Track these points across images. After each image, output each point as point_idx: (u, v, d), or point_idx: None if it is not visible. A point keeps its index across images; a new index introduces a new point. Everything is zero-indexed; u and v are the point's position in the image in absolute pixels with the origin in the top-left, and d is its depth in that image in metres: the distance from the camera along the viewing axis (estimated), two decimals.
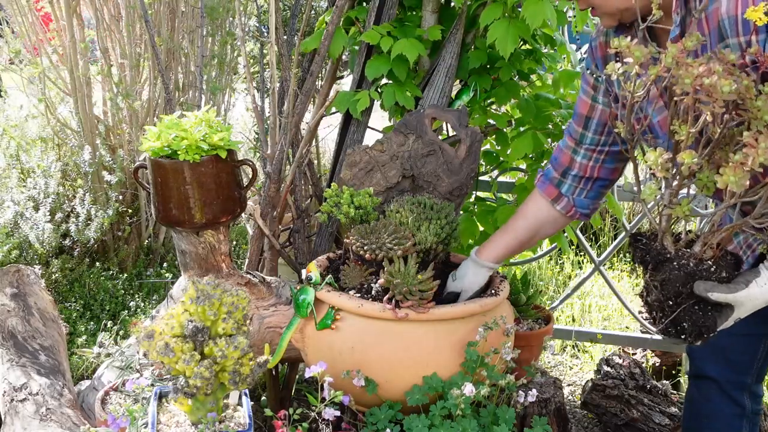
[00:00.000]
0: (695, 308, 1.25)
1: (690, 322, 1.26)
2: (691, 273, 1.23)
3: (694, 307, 1.25)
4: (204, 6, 2.60)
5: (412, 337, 1.40)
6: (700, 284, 1.23)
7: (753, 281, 1.23)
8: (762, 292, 1.23)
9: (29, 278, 1.99)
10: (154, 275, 3.15)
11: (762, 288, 1.23)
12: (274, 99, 2.09)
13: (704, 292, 1.22)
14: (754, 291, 1.23)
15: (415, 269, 1.44)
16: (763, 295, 1.23)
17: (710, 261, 1.23)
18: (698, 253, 1.25)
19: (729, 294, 1.22)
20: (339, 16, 2.00)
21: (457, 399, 1.32)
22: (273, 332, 1.70)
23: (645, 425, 2.19)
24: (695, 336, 1.27)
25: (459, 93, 2.18)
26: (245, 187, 1.72)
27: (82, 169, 3.04)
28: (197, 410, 1.22)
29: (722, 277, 1.23)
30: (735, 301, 1.23)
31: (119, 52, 3.11)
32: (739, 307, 1.24)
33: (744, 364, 1.63)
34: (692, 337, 1.27)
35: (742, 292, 1.22)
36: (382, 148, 1.81)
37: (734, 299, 1.23)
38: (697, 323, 1.25)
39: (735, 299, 1.23)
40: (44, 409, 1.55)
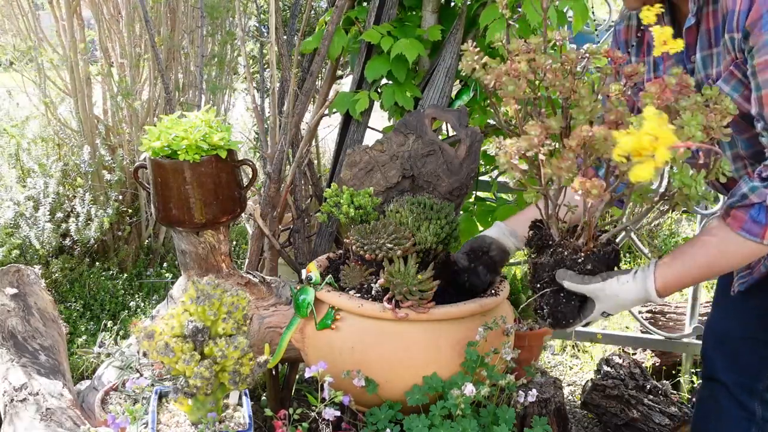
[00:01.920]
0: (560, 295, 1.26)
1: (549, 307, 1.28)
2: (559, 261, 1.25)
3: (559, 294, 1.26)
4: (204, 6, 2.60)
5: (412, 337, 1.40)
6: (560, 272, 1.24)
7: (614, 277, 1.22)
8: (623, 289, 1.21)
9: (29, 278, 1.99)
10: (154, 275, 3.15)
11: (622, 286, 1.21)
12: (274, 99, 2.09)
13: (560, 279, 1.24)
14: (611, 286, 1.21)
15: (415, 269, 1.44)
16: (625, 292, 1.21)
17: (584, 253, 1.24)
18: (579, 245, 1.25)
19: (581, 285, 1.22)
20: (339, 16, 2.00)
21: (457, 399, 1.32)
22: (273, 332, 1.70)
23: (645, 425, 2.19)
24: (554, 321, 1.29)
25: (459, 93, 2.18)
26: (245, 187, 1.72)
27: (82, 169, 3.04)
28: (197, 410, 1.22)
29: (587, 269, 1.23)
30: (590, 292, 1.23)
31: (119, 52, 3.11)
32: (600, 301, 1.23)
33: (755, 369, 1.59)
34: (551, 321, 1.29)
35: (596, 284, 1.21)
36: (382, 148, 1.81)
37: (588, 290, 1.22)
38: (555, 309, 1.27)
39: (589, 290, 1.22)
40: (44, 409, 1.55)
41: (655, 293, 1.20)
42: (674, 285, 1.22)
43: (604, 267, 1.24)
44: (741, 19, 1.18)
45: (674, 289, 1.22)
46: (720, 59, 1.27)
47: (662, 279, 1.20)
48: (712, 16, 1.26)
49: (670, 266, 1.21)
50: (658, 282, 1.20)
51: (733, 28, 1.20)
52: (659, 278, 1.20)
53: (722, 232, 1.17)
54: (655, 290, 1.20)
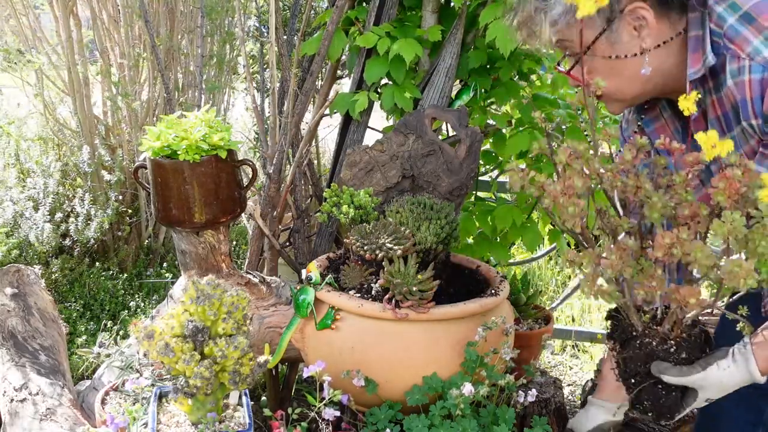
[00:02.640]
0: (657, 388, 1.21)
1: (650, 401, 1.23)
2: (651, 353, 1.20)
3: (656, 386, 1.21)
4: (203, 6, 2.60)
5: (412, 337, 1.40)
6: (656, 365, 1.19)
7: (714, 364, 1.17)
8: (725, 375, 1.17)
9: (29, 278, 1.99)
10: (154, 275, 3.15)
11: (724, 371, 1.17)
12: (274, 99, 2.09)
13: (657, 373, 1.19)
14: (713, 374, 1.17)
15: (415, 269, 1.44)
16: (728, 378, 1.17)
17: (673, 341, 1.19)
18: (665, 332, 1.20)
19: (681, 377, 1.17)
20: (339, 17, 2.00)
21: (457, 399, 1.32)
22: (273, 332, 1.70)
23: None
24: (657, 415, 1.24)
25: (459, 93, 2.18)
26: (245, 187, 1.72)
27: (81, 169, 3.04)
28: (197, 410, 1.23)
29: (682, 358, 1.18)
30: (692, 383, 1.18)
31: (118, 52, 3.11)
32: (704, 390, 1.19)
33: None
34: (654, 415, 1.24)
35: (697, 375, 1.17)
36: (382, 148, 1.81)
37: (690, 382, 1.18)
38: (656, 403, 1.22)
39: (691, 382, 1.18)
40: (44, 409, 1.55)
41: (759, 374, 1.16)
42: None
43: (698, 352, 1.19)
44: (757, 106, 1.19)
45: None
46: (740, 143, 1.27)
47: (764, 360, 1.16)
48: (717, 104, 1.27)
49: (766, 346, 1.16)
50: (761, 363, 1.16)
51: (749, 115, 1.21)
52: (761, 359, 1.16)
53: None
54: (759, 372, 1.15)
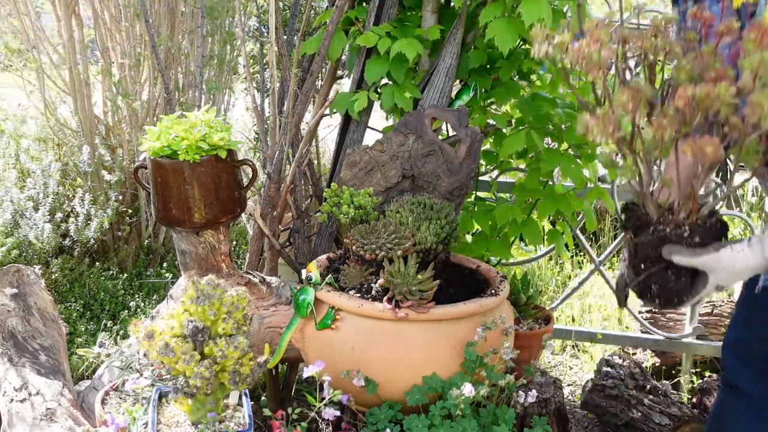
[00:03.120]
0: (667, 273, 1.20)
1: (658, 285, 1.22)
2: (662, 238, 1.18)
3: (666, 271, 1.20)
4: (204, 6, 2.60)
5: (412, 337, 1.40)
6: (668, 248, 1.17)
7: (728, 247, 1.15)
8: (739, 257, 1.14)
9: (29, 278, 1.99)
10: (154, 275, 3.15)
11: (738, 254, 1.14)
12: (274, 99, 2.09)
13: (668, 255, 1.17)
14: (726, 255, 1.15)
15: (415, 269, 1.44)
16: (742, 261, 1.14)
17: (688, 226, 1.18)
18: (680, 220, 1.19)
19: (692, 258, 1.16)
20: (339, 17, 1.99)
21: (457, 399, 1.32)
22: (273, 332, 1.70)
23: (645, 425, 2.19)
24: (665, 300, 1.22)
25: (459, 93, 2.18)
26: (245, 187, 1.72)
27: (81, 169, 3.04)
28: (197, 410, 1.23)
29: (695, 242, 1.17)
30: (703, 264, 1.16)
31: (119, 52, 3.11)
32: (714, 273, 1.17)
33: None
34: (661, 301, 1.23)
35: (710, 255, 1.15)
36: (382, 148, 1.81)
37: (701, 263, 1.16)
38: (665, 287, 1.21)
39: (702, 263, 1.16)
40: (44, 409, 1.55)
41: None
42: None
43: (712, 239, 1.17)
44: None
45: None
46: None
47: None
48: None
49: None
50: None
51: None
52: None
53: None
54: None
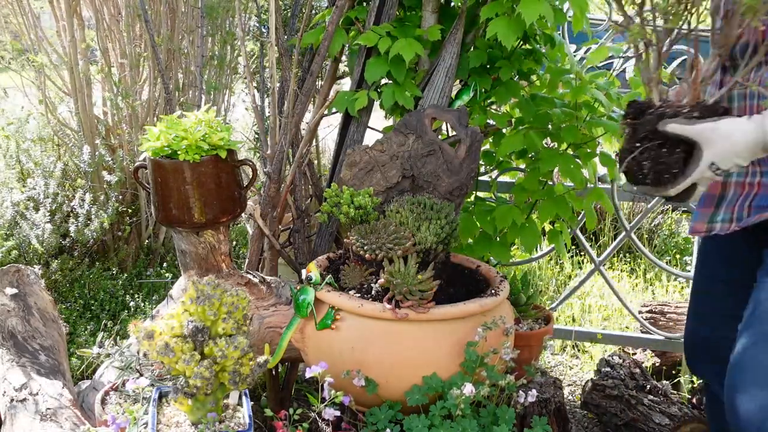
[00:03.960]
0: (662, 150, 1.15)
1: (651, 161, 1.16)
2: (662, 114, 1.14)
3: (661, 149, 1.15)
4: (204, 6, 2.60)
5: (412, 337, 1.40)
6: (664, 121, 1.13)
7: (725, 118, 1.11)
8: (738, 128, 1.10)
9: (29, 278, 1.99)
10: (154, 275, 3.15)
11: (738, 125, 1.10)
12: (274, 99, 2.09)
13: (664, 126, 1.13)
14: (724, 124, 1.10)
15: (415, 269, 1.44)
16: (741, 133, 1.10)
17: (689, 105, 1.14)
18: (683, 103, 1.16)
19: (689, 126, 1.10)
20: (339, 16, 1.99)
21: (457, 399, 1.32)
22: (273, 332, 1.70)
23: (645, 425, 2.19)
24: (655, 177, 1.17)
25: (459, 93, 2.18)
26: (245, 187, 1.72)
27: (81, 169, 3.04)
28: (197, 410, 1.22)
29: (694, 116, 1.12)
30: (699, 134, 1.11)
31: (119, 52, 3.11)
32: (710, 146, 1.11)
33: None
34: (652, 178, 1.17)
35: (707, 123, 1.10)
36: (382, 148, 1.81)
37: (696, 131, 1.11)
38: (657, 162, 1.16)
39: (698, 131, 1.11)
40: (44, 409, 1.55)
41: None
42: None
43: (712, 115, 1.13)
44: None
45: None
46: None
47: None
48: None
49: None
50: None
51: None
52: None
53: None
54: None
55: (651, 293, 3.64)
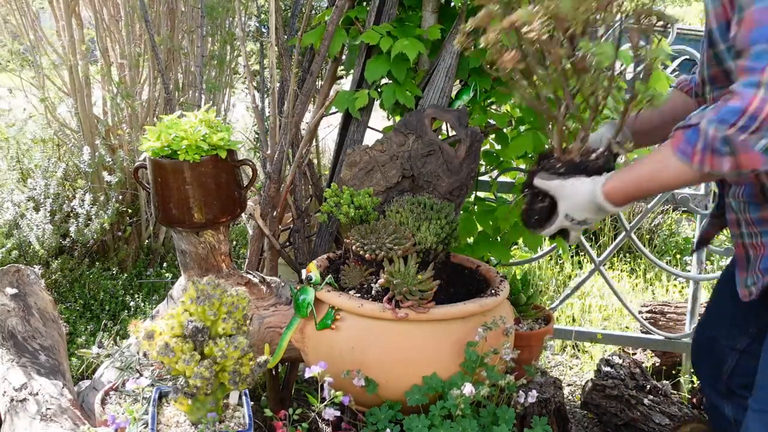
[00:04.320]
0: (536, 198, 1.38)
1: (526, 206, 1.40)
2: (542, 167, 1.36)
3: (536, 197, 1.38)
4: (204, 6, 2.60)
5: (412, 337, 1.40)
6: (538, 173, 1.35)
7: (574, 177, 1.31)
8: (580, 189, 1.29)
9: (29, 278, 1.99)
10: (154, 275, 3.15)
11: (580, 185, 1.29)
12: (274, 99, 2.09)
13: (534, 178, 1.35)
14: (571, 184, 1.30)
15: (415, 269, 1.44)
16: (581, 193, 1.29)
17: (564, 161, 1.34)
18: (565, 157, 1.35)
19: (546, 181, 1.33)
20: (339, 16, 1.99)
21: (457, 399, 1.32)
22: (273, 332, 1.70)
23: (645, 425, 2.19)
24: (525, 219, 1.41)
25: (459, 93, 2.18)
26: (245, 187, 1.72)
27: (81, 170, 3.04)
28: (197, 410, 1.22)
29: (560, 172, 1.33)
30: (552, 189, 1.32)
31: (119, 52, 3.11)
32: (561, 200, 1.32)
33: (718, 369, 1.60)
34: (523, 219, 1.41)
35: (557, 181, 1.31)
36: (382, 148, 1.81)
37: (550, 186, 1.32)
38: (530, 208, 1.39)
39: (551, 186, 1.32)
40: (44, 409, 1.55)
41: (603, 196, 1.27)
42: (621, 191, 1.26)
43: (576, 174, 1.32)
44: None
45: (621, 195, 1.27)
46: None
47: (610, 183, 1.27)
48: None
49: (620, 173, 1.28)
50: (606, 185, 1.27)
51: None
52: (608, 184, 1.27)
53: (666, 150, 1.19)
54: (602, 193, 1.27)
55: (651, 293, 3.64)
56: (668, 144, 1.19)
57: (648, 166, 1.24)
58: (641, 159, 1.28)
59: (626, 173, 1.27)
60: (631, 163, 1.30)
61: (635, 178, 1.25)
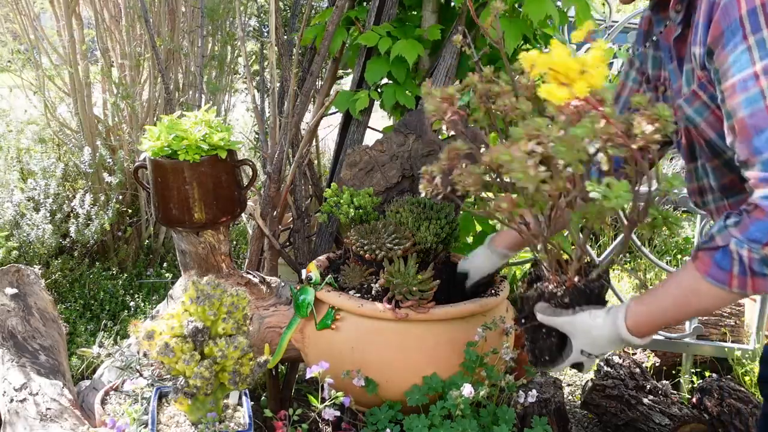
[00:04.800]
0: (541, 331, 1.19)
1: (530, 342, 1.21)
2: (540, 294, 1.18)
3: (540, 330, 1.19)
4: (204, 6, 2.60)
5: (412, 337, 1.40)
6: (538, 305, 1.17)
7: (587, 311, 1.13)
8: (595, 324, 1.12)
9: (29, 278, 1.99)
10: (154, 275, 3.15)
11: (594, 320, 1.13)
12: (274, 99, 2.09)
13: (536, 311, 1.17)
14: (581, 320, 1.13)
15: (414, 269, 1.44)
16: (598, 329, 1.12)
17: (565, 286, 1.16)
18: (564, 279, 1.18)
19: (552, 317, 1.15)
20: (339, 16, 1.99)
21: (457, 399, 1.32)
22: (273, 332, 1.70)
23: (645, 425, 2.19)
24: (533, 358, 1.21)
25: None
26: (245, 187, 1.72)
27: (82, 170, 3.04)
28: (197, 410, 1.22)
29: (564, 302, 1.15)
30: (561, 326, 1.15)
31: (119, 52, 3.11)
32: (575, 337, 1.15)
33: None
34: (532, 359, 1.22)
35: (566, 317, 1.13)
36: (382, 148, 1.81)
37: (558, 323, 1.15)
38: (534, 345, 1.21)
39: (559, 323, 1.15)
40: (44, 409, 1.55)
41: (626, 331, 1.11)
42: (646, 324, 1.11)
43: (584, 301, 1.16)
44: (702, 33, 1.08)
45: (647, 328, 1.11)
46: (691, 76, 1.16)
47: (633, 317, 1.11)
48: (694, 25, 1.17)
49: (643, 304, 1.12)
50: (629, 319, 1.11)
51: (696, 41, 1.10)
52: (630, 316, 1.11)
53: (692, 275, 1.07)
54: (626, 328, 1.11)
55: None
56: (692, 268, 1.07)
57: (674, 295, 1.09)
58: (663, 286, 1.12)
59: (650, 303, 1.11)
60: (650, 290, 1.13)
61: (662, 309, 1.10)
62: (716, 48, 1.04)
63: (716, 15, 1.03)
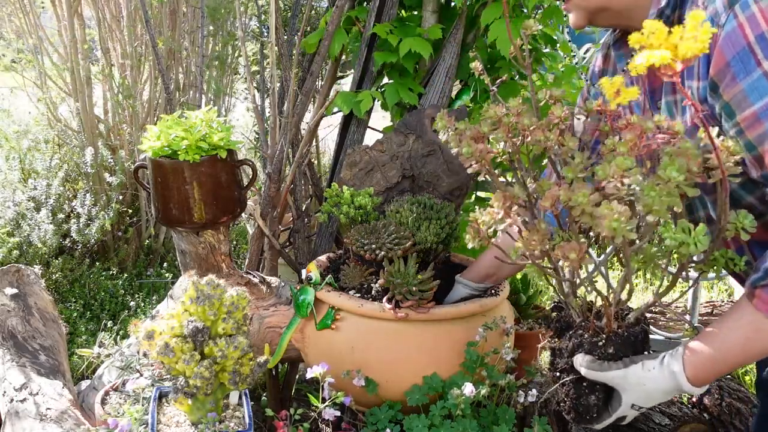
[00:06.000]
0: (582, 385, 1.10)
1: (570, 399, 1.12)
2: (578, 345, 1.09)
3: (581, 384, 1.10)
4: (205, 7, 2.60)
5: (412, 337, 1.40)
6: (578, 357, 1.08)
7: (639, 363, 1.05)
8: (649, 377, 1.05)
9: (29, 278, 1.99)
10: (154, 275, 3.15)
11: (648, 372, 1.05)
12: (274, 99, 2.09)
13: (578, 366, 1.08)
14: (634, 373, 1.05)
15: (415, 269, 1.44)
16: (652, 381, 1.05)
17: (605, 334, 1.08)
18: (602, 326, 1.10)
19: (600, 372, 1.06)
20: (339, 17, 2.00)
21: (457, 399, 1.32)
22: (273, 332, 1.70)
23: (645, 425, 2.19)
24: (576, 416, 1.12)
25: (459, 93, 2.18)
26: (245, 187, 1.72)
27: (82, 170, 3.05)
28: (197, 410, 1.22)
29: (608, 353, 1.07)
30: (611, 381, 1.07)
31: (120, 53, 3.11)
32: (626, 392, 1.07)
33: None
34: (574, 416, 1.12)
35: (616, 372, 1.05)
36: (382, 148, 1.81)
37: (608, 379, 1.07)
38: (577, 402, 1.11)
39: (609, 379, 1.07)
40: (44, 409, 1.55)
41: (688, 383, 1.03)
42: (708, 372, 1.03)
43: (629, 351, 1.08)
44: (702, 67, 1.03)
45: (709, 377, 1.04)
46: (685, 108, 1.13)
47: (693, 366, 1.03)
48: None
49: (701, 352, 1.03)
50: (689, 369, 1.03)
51: (693, 75, 1.06)
52: (689, 366, 1.03)
53: (751, 314, 1.00)
54: (686, 379, 1.03)
55: (651, 293, 3.64)
56: (750, 307, 1.00)
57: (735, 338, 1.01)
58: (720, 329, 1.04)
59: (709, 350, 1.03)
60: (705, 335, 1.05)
61: (723, 355, 1.02)
62: (723, 79, 1.00)
63: (718, 45, 0.99)
